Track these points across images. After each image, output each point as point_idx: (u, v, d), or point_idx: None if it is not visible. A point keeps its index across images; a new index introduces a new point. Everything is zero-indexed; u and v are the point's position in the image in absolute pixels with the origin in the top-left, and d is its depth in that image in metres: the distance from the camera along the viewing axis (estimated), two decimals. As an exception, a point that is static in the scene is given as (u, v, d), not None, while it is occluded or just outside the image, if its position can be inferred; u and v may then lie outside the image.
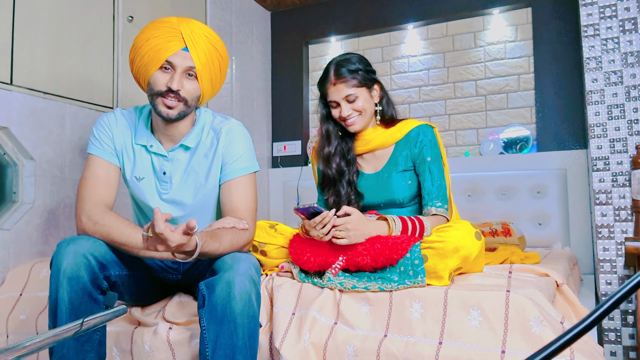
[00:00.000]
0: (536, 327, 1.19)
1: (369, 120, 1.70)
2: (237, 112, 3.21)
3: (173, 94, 1.38)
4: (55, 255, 1.26)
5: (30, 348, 0.95)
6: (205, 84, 1.44)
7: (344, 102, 1.64)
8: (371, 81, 1.68)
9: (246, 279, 1.25)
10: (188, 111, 1.44)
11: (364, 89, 1.66)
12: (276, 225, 1.65)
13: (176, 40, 1.37)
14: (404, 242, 1.40)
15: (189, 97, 1.41)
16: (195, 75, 1.41)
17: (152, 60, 1.39)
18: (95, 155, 1.46)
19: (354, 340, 1.33)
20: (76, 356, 1.26)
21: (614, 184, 2.18)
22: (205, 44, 1.40)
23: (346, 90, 1.63)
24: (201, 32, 1.41)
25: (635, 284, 0.48)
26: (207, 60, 1.41)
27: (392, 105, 1.75)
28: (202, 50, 1.39)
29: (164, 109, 1.39)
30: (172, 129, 1.47)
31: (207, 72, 1.43)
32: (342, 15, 3.43)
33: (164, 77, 1.39)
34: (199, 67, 1.39)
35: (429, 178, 1.64)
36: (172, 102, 1.38)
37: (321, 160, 1.74)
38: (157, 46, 1.38)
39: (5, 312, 1.73)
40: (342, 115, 1.65)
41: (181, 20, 1.41)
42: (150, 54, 1.38)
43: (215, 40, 1.44)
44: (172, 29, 1.38)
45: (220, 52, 1.45)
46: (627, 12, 2.18)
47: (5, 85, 1.88)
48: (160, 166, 1.49)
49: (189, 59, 1.38)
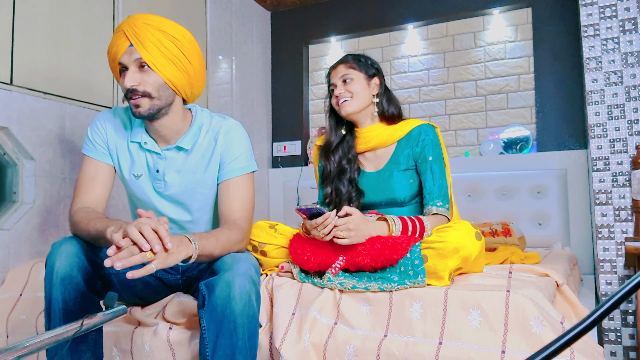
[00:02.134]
0: (536, 327, 1.19)
1: (361, 106, 1.71)
2: (237, 112, 3.21)
3: (132, 92, 1.36)
4: (49, 255, 1.27)
5: (30, 348, 0.95)
6: (167, 71, 1.38)
7: (340, 82, 1.70)
8: (371, 71, 1.73)
9: (246, 279, 1.25)
10: (161, 104, 1.39)
11: (361, 75, 1.71)
12: (276, 225, 1.65)
13: (122, 40, 1.37)
14: (404, 242, 1.40)
15: (151, 89, 1.37)
16: (149, 66, 1.36)
17: (114, 68, 1.43)
18: (88, 155, 1.48)
19: (354, 340, 1.33)
20: (72, 356, 1.26)
21: (614, 184, 2.18)
22: (148, 32, 1.36)
23: (344, 70, 1.70)
24: (141, 22, 1.37)
25: (635, 284, 0.48)
26: (157, 47, 1.36)
27: (395, 103, 1.76)
28: (147, 39, 1.35)
29: (134, 109, 1.38)
30: (162, 128, 1.45)
31: (162, 58, 1.37)
32: (342, 15, 3.43)
33: (122, 80, 1.38)
34: (147, 56, 1.35)
35: (430, 177, 1.64)
36: (136, 100, 1.37)
37: (323, 153, 1.78)
38: (113, 53, 1.41)
39: (5, 312, 1.73)
40: (335, 94, 1.70)
41: (125, 20, 1.40)
42: (112, 64, 1.43)
43: (161, 23, 1.38)
44: (119, 32, 1.39)
45: (172, 34, 1.38)
46: (627, 12, 2.18)
47: (5, 85, 1.88)
48: (154, 164, 1.49)
49: (135, 52, 1.35)
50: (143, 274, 1.09)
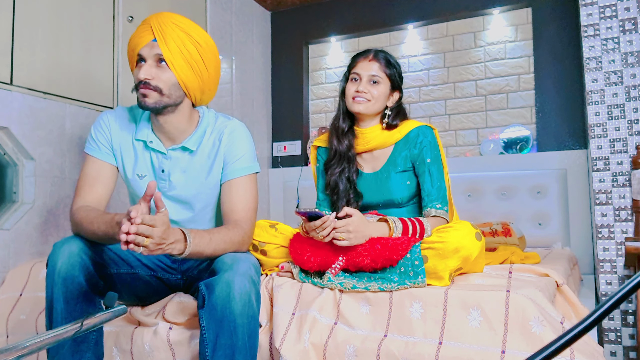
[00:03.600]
0: (536, 327, 1.19)
1: (373, 112, 1.71)
2: (237, 112, 3.21)
3: (144, 84, 1.38)
4: (50, 255, 1.27)
5: (30, 348, 0.95)
6: (183, 72, 1.40)
7: (367, 79, 1.68)
8: (397, 84, 1.73)
9: (246, 279, 1.25)
10: (168, 102, 1.41)
11: (388, 83, 1.71)
12: (276, 224, 1.65)
13: (146, 33, 1.40)
14: (404, 243, 1.40)
15: (163, 86, 1.39)
16: (167, 64, 1.39)
17: (132, 59, 1.45)
18: (90, 154, 1.49)
19: (354, 340, 1.33)
20: (72, 356, 1.26)
21: (614, 184, 2.18)
22: (173, 31, 1.39)
23: (377, 70, 1.69)
24: (169, 21, 1.40)
25: (635, 284, 0.48)
26: (178, 47, 1.39)
27: (401, 116, 1.75)
28: (171, 38, 1.38)
29: (141, 98, 1.40)
30: (167, 125, 1.46)
31: (181, 59, 1.40)
32: (342, 15, 3.43)
33: (137, 71, 1.41)
34: (167, 54, 1.38)
35: (429, 179, 1.64)
36: (145, 91, 1.38)
37: (335, 134, 1.76)
38: (133, 44, 1.43)
39: (5, 312, 1.73)
40: (358, 89, 1.68)
41: (153, 15, 1.43)
42: (130, 53, 1.46)
43: (188, 26, 1.42)
44: (145, 25, 1.42)
45: (196, 39, 1.42)
46: (627, 12, 2.18)
47: (5, 85, 1.88)
48: (159, 164, 1.49)
49: (157, 48, 1.38)
50: (134, 250, 1.14)
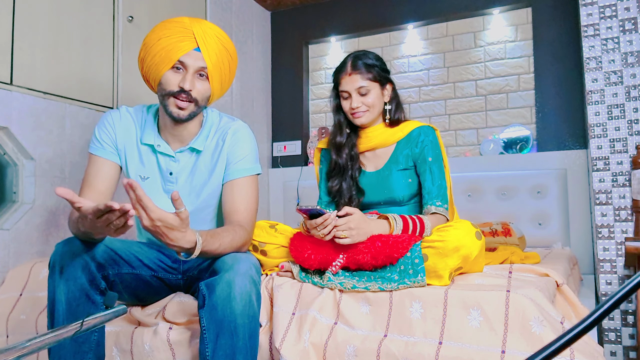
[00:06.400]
0: (536, 327, 1.19)
1: (375, 116, 1.73)
2: (237, 112, 3.21)
3: (185, 95, 1.39)
4: (52, 256, 1.27)
5: (30, 348, 0.95)
6: (215, 84, 1.45)
7: (356, 93, 1.68)
8: (385, 79, 1.72)
9: (246, 279, 1.25)
10: (198, 111, 1.45)
11: (377, 85, 1.69)
12: (276, 225, 1.66)
13: (188, 40, 1.38)
14: (405, 240, 1.40)
15: (200, 98, 1.42)
16: (206, 76, 1.42)
17: (164, 60, 1.39)
18: (94, 154, 1.48)
19: (354, 340, 1.33)
20: (74, 357, 1.26)
21: (614, 184, 2.18)
22: (216, 45, 1.42)
23: (360, 81, 1.67)
24: (213, 33, 1.42)
25: (635, 284, 0.48)
26: (218, 61, 1.43)
27: (401, 108, 1.78)
28: (214, 51, 1.41)
29: (175, 109, 1.40)
30: (181, 129, 1.48)
31: (218, 73, 1.44)
32: (342, 15, 3.43)
33: (175, 77, 1.39)
34: (210, 67, 1.41)
35: (430, 178, 1.65)
36: (183, 103, 1.39)
37: (334, 149, 1.78)
38: (169, 46, 1.38)
39: (5, 312, 1.73)
40: (352, 107, 1.68)
41: (193, 21, 1.42)
42: (162, 53, 1.39)
43: (226, 41, 1.46)
44: (185, 29, 1.39)
45: (230, 53, 1.47)
46: (627, 12, 2.18)
47: (5, 85, 1.88)
48: (167, 166, 1.50)
49: (201, 59, 1.39)
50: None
